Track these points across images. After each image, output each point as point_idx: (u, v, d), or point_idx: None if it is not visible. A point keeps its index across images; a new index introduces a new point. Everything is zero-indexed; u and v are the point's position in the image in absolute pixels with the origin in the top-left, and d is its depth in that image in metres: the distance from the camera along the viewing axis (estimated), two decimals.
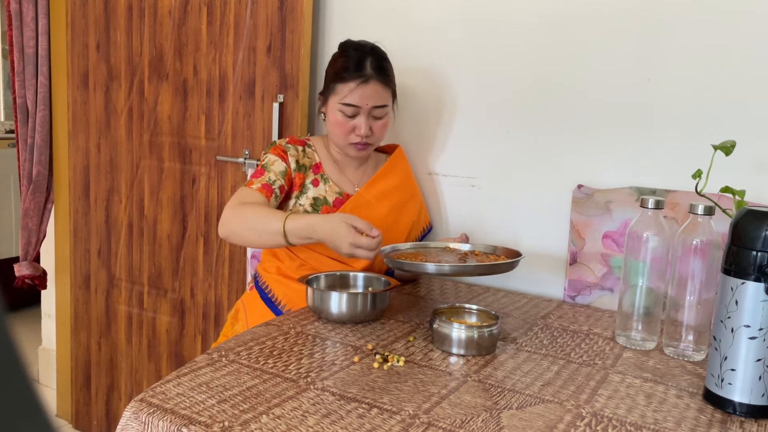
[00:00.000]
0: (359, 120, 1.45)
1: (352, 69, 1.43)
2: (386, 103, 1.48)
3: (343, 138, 1.48)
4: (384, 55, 1.49)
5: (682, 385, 1.04)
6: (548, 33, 1.55)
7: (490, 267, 1.24)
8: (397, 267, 1.26)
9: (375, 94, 1.45)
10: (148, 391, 0.90)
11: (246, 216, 1.36)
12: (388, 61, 1.50)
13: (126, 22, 2.13)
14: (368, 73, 1.43)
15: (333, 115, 1.47)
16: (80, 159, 2.31)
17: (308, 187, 1.50)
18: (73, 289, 2.40)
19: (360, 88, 1.43)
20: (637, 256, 1.19)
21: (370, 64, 1.44)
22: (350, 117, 1.45)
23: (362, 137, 1.46)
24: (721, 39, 1.37)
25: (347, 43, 1.51)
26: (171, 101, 2.06)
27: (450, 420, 0.87)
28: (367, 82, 1.43)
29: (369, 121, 1.46)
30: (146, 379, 2.26)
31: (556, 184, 1.57)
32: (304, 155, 1.52)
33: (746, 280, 0.92)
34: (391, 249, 1.37)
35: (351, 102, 1.44)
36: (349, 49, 1.48)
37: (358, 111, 1.45)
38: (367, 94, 1.44)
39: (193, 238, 2.08)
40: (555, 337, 1.25)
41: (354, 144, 1.48)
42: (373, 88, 1.44)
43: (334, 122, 1.47)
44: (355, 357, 1.07)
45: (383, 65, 1.47)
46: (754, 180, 1.35)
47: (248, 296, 1.56)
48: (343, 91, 1.44)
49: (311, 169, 1.52)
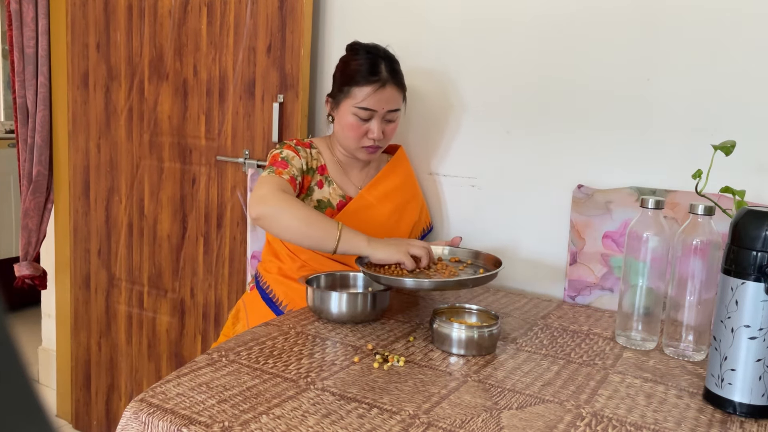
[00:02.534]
0: (373, 124, 1.45)
1: (367, 73, 1.43)
2: (399, 106, 1.49)
3: (355, 141, 1.47)
4: (395, 59, 1.50)
5: (682, 385, 1.04)
6: (548, 33, 1.55)
7: (473, 281, 1.24)
8: (375, 280, 1.25)
9: (390, 98, 1.45)
10: (148, 391, 0.90)
11: (292, 203, 1.31)
12: (399, 64, 1.50)
13: (126, 22, 2.13)
14: (384, 77, 1.43)
15: (346, 118, 1.46)
16: (80, 159, 2.31)
17: (313, 189, 1.50)
18: (73, 289, 2.40)
19: (378, 93, 1.43)
20: (637, 256, 1.19)
21: (384, 67, 1.44)
22: (364, 120, 1.45)
23: (375, 140, 1.46)
24: (721, 39, 1.37)
25: (358, 46, 1.49)
26: (171, 101, 2.06)
27: (450, 420, 0.87)
28: (384, 86, 1.43)
29: (382, 124, 1.46)
30: (146, 379, 2.26)
31: (556, 184, 1.57)
32: (311, 157, 1.51)
33: (746, 280, 0.92)
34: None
35: (367, 106, 1.43)
36: (362, 52, 1.47)
37: (372, 115, 1.44)
38: (384, 98, 1.44)
39: (193, 238, 2.08)
40: (555, 337, 1.25)
41: (366, 147, 1.48)
42: (390, 92, 1.44)
43: (347, 126, 1.46)
44: (355, 357, 1.07)
45: (396, 69, 1.48)
46: (754, 180, 1.35)
47: (249, 296, 1.56)
48: (358, 95, 1.43)
49: (317, 170, 1.52)
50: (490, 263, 1.37)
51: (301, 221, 1.29)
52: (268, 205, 1.31)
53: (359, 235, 1.29)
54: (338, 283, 1.38)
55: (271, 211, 1.31)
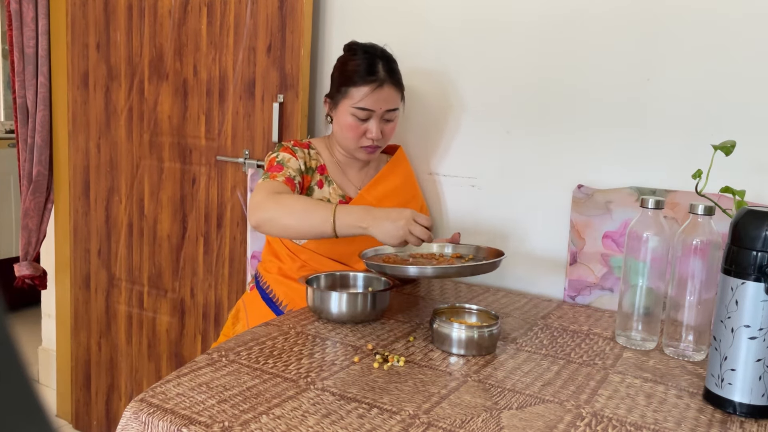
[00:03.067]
0: (371, 124, 1.45)
1: (367, 73, 1.42)
2: (398, 106, 1.49)
3: (354, 141, 1.47)
4: (393, 58, 1.49)
5: (682, 385, 1.04)
6: (548, 33, 1.55)
7: (472, 268, 1.24)
8: (379, 271, 1.26)
9: (389, 98, 1.45)
10: (148, 391, 0.90)
11: (286, 202, 1.32)
12: (396, 63, 1.50)
13: (126, 22, 2.13)
14: (382, 77, 1.43)
15: (344, 118, 1.45)
16: (80, 159, 2.31)
17: (313, 189, 1.50)
18: (73, 289, 2.40)
19: (375, 93, 1.42)
20: (637, 256, 1.19)
21: (382, 67, 1.44)
22: (363, 120, 1.45)
23: (374, 140, 1.46)
24: (721, 39, 1.37)
25: (355, 46, 1.49)
26: (171, 101, 2.06)
27: (450, 420, 0.87)
28: (382, 86, 1.43)
29: (381, 124, 1.46)
30: (146, 379, 2.26)
31: (556, 184, 1.57)
32: (309, 157, 1.51)
33: (746, 280, 0.92)
34: (373, 252, 1.36)
35: (365, 106, 1.43)
36: (359, 52, 1.46)
37: (371, 115, 1.44)
38: (382, 98, 1.43)
39: (193, 238, 2.08)
40: (555, 337, 1.25)
41: (365, 147, 1.48)
42: (387, 92, 1.44)
43: (345, 126, 1.46)
44: (355, 357, 1.07)
45: (394, 68, 1.48)
46: (754, 180, 1.35)
47: (249, 296, 1.56)
48: (356, 95, 1.43)
49: (317, 170, 1.52)
50: (492, 256, 1.37)
51: (298, 216, 1.30)
52: (264, 211, 1.32)
53: (355, 211, 1.27)
54: (338, 283, 1.38)
55: (267, 215, 1.32)
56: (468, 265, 1.25)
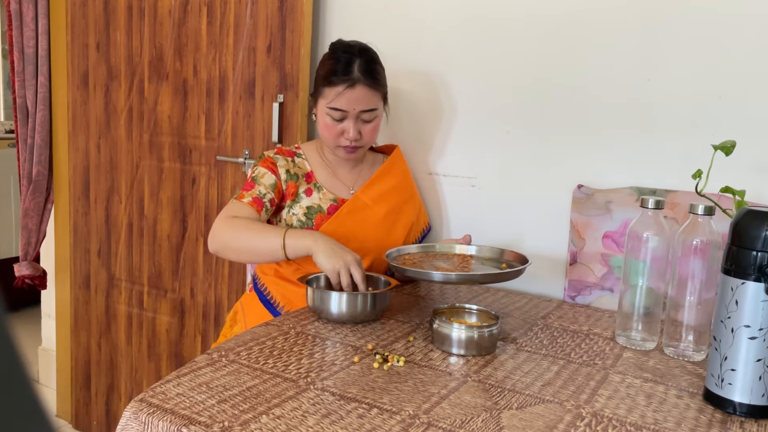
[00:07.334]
0: (347, 124, 1.43)
1: (340, 72, 1.40)
2: (375, 106, 1.44)
3: (332, 141, 1.46)
4: (374, 57, 1.46)
5: (682, 385, 1.04)
6: (548, 33, 1.55)
7: (496, 275, 1.25)
8: (401, 273, 1.26)
9: (362, 99, 1.41)
10: (148, 391, 0.90)
11: (238, 229, 1.34)
12: (378, 63, 1.46)
13: (126, 22, 2.13)
14: (355, 76, 1.40)
15: (322, 118, 1.45)
16: (80, 159, 2.31)
17: (301, 197, 1.49)
18: (73, 289, 2.40)
19: (347, 93, 1.40)
20: (637, 256, 1.19)
21: (358, 67, 1.41)
22: (338, 121, 1.43)
23: (351, 141, 1.44)
24: (721, 39, 1.37)
25: (337, 45, 1.47)
26: (171, 101, 2.06)
27: (450, 420, 0.87)
28: (354, 86, 1.40)
29: (357, 124, 1.44)
30: (146, 379, 2.26)
31: (556, 184, 1.57)
32: (294, 165, 1.50)
33: (746, 280, 0.92)
34: (396, 252, 1.37)
35: (337, 106, 1.41)
36: (338, 51, 1.44)
37: (345, 115, 1.42)
38: (354, 98, 1.40)
39: (193, 238, 2.08)
40: (555, 337, 1.25)
41: (343, 147, 1.47)
42: (360, 92, 1.41)
43: (323, 125, 1.46)
44: (355, 357, 1.07)
45: (372, 68, 1.43)
46: (754, 180, 1.35)
47: (247, 298, 1.56)
48: (330, 95, 1.41)
49: (303, 178, 1.50)
50: (515, 260, 1.37)
51: (247, 243, 1.34)
52: (216, 239, 1.37)
53: (305, 237, 1.30)
54: None
55: (218, 244, 1.37)
56: (490, 273, 1.26)
